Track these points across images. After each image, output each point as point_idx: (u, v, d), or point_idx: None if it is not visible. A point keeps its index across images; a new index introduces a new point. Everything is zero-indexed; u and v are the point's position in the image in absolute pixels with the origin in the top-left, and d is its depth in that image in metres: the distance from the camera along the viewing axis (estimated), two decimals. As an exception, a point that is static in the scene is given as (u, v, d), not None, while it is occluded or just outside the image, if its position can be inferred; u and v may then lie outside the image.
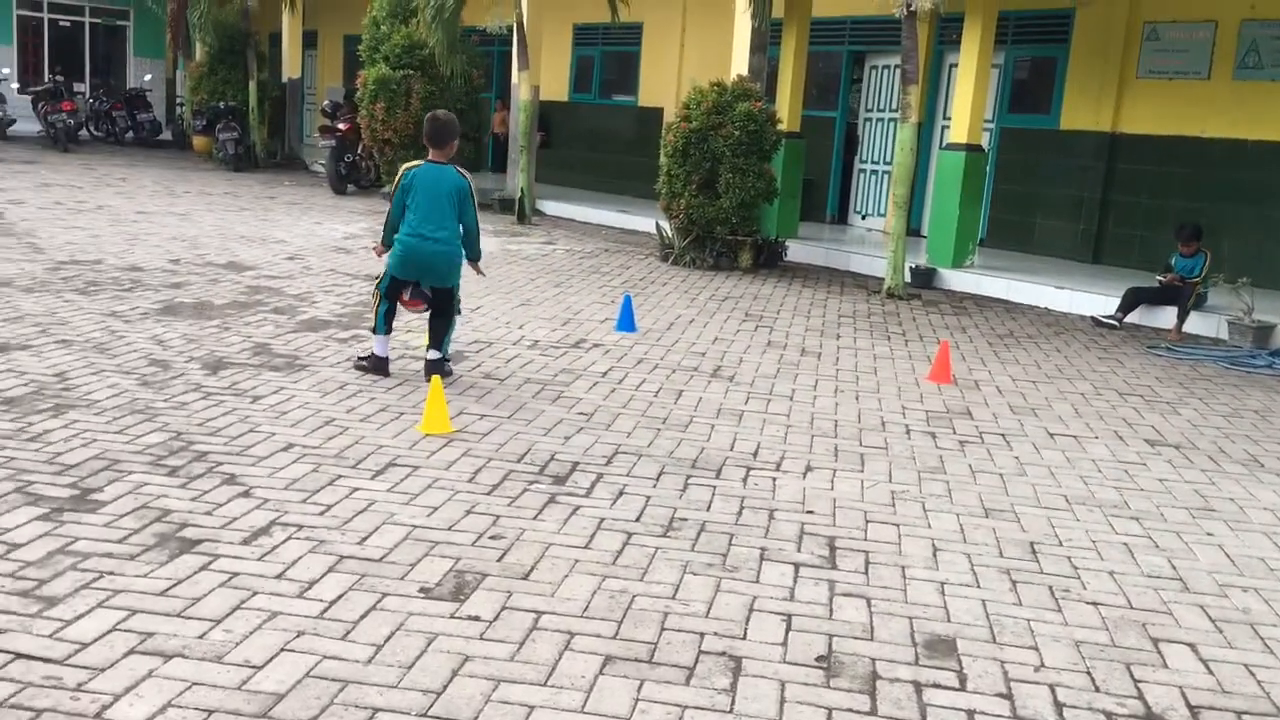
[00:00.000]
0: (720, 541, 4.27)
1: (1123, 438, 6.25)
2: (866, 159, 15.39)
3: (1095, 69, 12.57)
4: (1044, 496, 5.13)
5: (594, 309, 9.04)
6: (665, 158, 12.04)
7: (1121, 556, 4.44)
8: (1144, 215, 12.22)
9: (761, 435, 5.80)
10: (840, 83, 15.46)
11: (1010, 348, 8.65)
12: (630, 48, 18.34)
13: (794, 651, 3.41)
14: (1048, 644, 3.60)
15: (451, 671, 3.13)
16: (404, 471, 4.81)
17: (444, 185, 6.21)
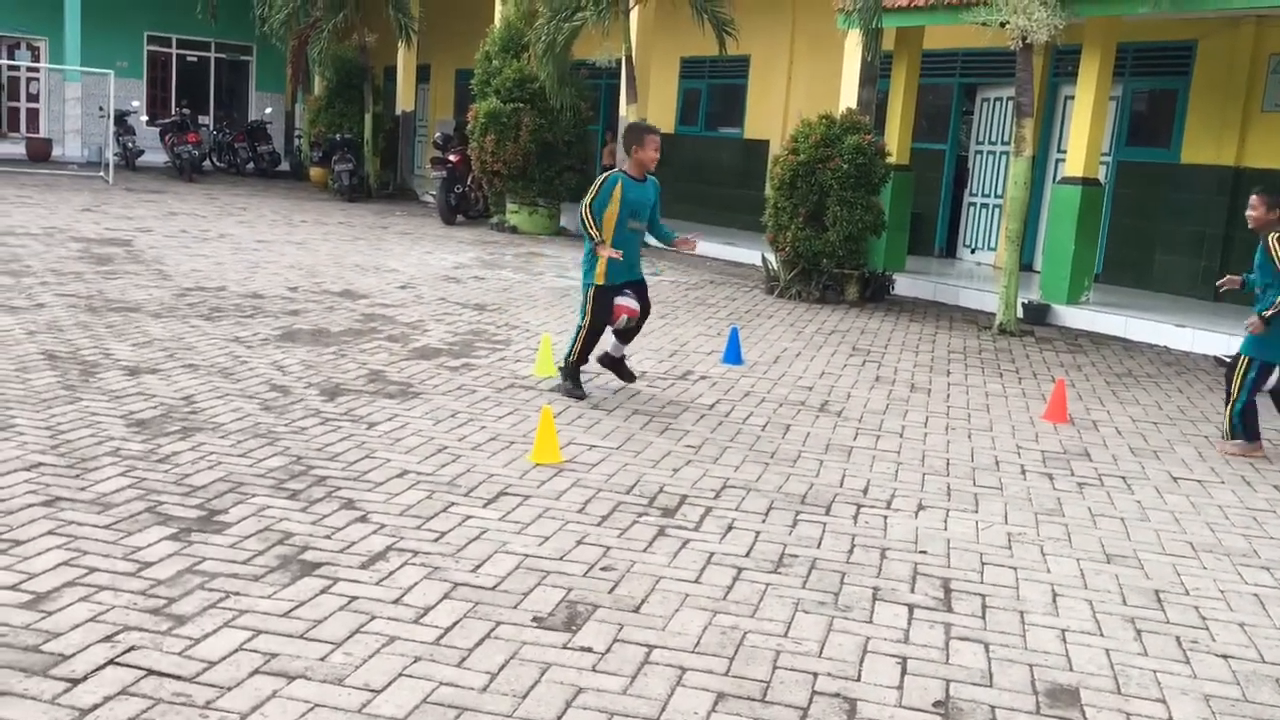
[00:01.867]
0: (832, 580, 4.22)
1: (1250, 483, 6.01)
2: (976, 192, 15.15)
3: (1217, 102, 12.19)
4: (1168, 543, 4.95)
5: (700, 340, 9.05)
6: (772, 190, 12.03)
7: (1252, 608, 4.26)
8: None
9: (871, 472, 5.72)
10: (950, 115, 15.27)
11: (1129, 387, 8.40)
12: (737, 80, 18.41)
13: (910, 696, 3.35)
14: (1176, 697, 3.47)
15: (565, 703, 3.15)
16: (515, 500, 4.87)
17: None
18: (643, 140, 6.53)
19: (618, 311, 6.65)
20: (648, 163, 6.52)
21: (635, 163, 6.56)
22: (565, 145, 16.85)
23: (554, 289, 11.43)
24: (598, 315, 6.63)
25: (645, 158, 6.52)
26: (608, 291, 6.62)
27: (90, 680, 3.08)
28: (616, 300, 6.64)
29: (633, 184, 6.53)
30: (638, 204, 6.56)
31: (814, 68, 16.53)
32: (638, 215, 6.58)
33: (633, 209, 6.53)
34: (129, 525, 4.25)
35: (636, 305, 6.70)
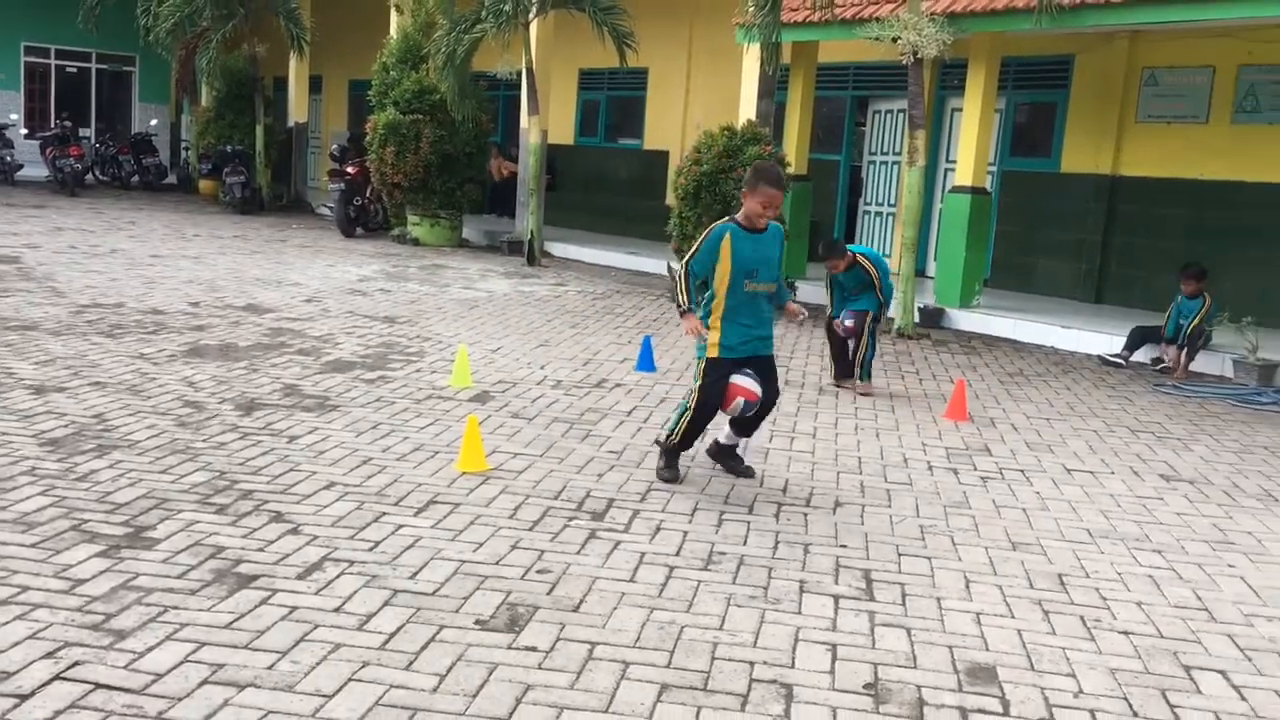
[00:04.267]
0: (760, 575, 4.39)
1: (1138, 473, 6.38)
2: (870, 201, 15.62)
3: (1095, 113, 12.83)
4: (1067, 530, 5.25)
5: (612, 349, 9.18)
6: (677, 200, 12.25)
7: (1147, 588, 4.56)
8: (1144, 256, 12.43)
9: (789, 472, 5.92)
10: (845, 126, 15.73)
11: (1021, 386, 8.80)
12: (636, 92, 18.64)
13: (842, 679, 3.53)
14: (1084, 671, 3.72)
15: (515, 699, 3.24)
16: (446, 508, 4.93)
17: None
18: (757, 188, 5.28)
19: (732, 393, 5.35)
20: (755, 218, 5.32)
21: (745, 212, 5.36)
22: (466, 157, 16.86)
23: (462, 301, 11.44)
24: (707, 394, 5.36)
25: (752, 211, 5.31)
26: (723, 366, 5.36)
27: (38, 695, 3.06)
28: (733, 379, 5.36)
29: (746, 236, 5.31)
30: (756, 260, 5.31)
31: (712, 80, 16.84)
32: (758, 274, 5.32)
33: (748, 267, 5.29)
34: (56, 544, 4.19)
35: (757, 389, 5.39)
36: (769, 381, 5.48)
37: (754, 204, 5.27)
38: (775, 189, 5.27)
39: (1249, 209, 11.53)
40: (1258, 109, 11.62)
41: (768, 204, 5.25)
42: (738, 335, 5.36)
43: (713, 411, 5.43)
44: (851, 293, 8.12)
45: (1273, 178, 11.35)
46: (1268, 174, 11.40)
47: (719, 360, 5.37)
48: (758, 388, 5.38)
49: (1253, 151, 11.54)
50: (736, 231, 5.31)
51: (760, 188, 5.26)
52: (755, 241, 5.33)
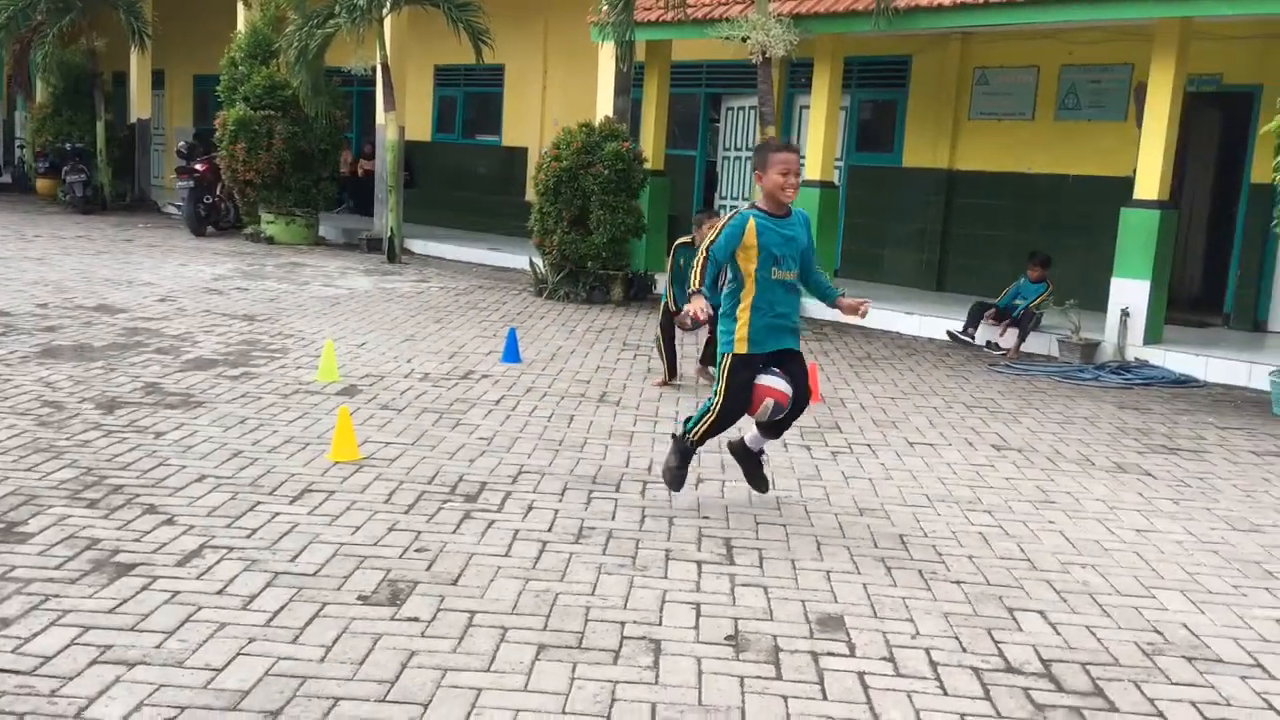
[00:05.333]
0: (628, 546, 4.66)
1: (972, 444, 6.89)
2: (726, 196, 16.10)
3: (932, 111, 13.56)
4: (909, 496, 5.68)
5: (477, 342, 9.33)
6: (537, 196, 12.44)
7: (978, 544, 5.00)
8: (980, 245, 13.20)
9: (653, 452, 6.21)
10: (699, 123, 16.18)
11: (869, 368, 9.32)
12: (493, 89, 18.72)
13: (705, 633, 3.82)
14: (921, 616, 4.10)
15: (401, 664, 3.43)
16: (321, 496, 5.04)
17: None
18: (767, 161, 4.92)
19: (760, 394, 4.95)
20: (778, 192, 4.90)
21: (765, 192, 4.98)
22: (321, 154, 16.67)
23: (323, 298, 11.40)
24: (733, 395, 4.96)
25: (771, 185, 4.90)
26: (751, 364, 4.96)
27: (-76, 683, 3.10)
28: (760, 380, 4.96)
29: (770, 221, 4.93)
30: (783, 247, 4.94)
31: (568, 77, 17.07)
32: (786, 262, 4.97)
33: (776, 255, 4.92)
34: (-78, 542, 4.16)
35: (787, 388, 4.99)
36: (798, 380, 5.04)
37: (774, 177, 4.87)
38: (789, 152, 4.96)
39: (1071, 200, 12.39)
40: (1078, 106, 12.49)
41: (788, 169, 4.87)
42: (765, 327, 4.95)
43: (738, 414, 5.04)
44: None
45: (1092, 170, 12.21)
46: (1087, 167, 12.27)
47: (747, 356, 4.94)
48: (787, 387, 4.98)
49: (1074, 146, 12.40)
50: (760, 217, 4.91)
51: (772, 157, 4.90)
52: (781, 226, 4.95)
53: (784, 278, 4.99)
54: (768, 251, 4.90)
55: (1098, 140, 12.16)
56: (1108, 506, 5.71)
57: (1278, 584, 4.68)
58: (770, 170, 4.90)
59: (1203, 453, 6.97)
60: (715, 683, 3.45)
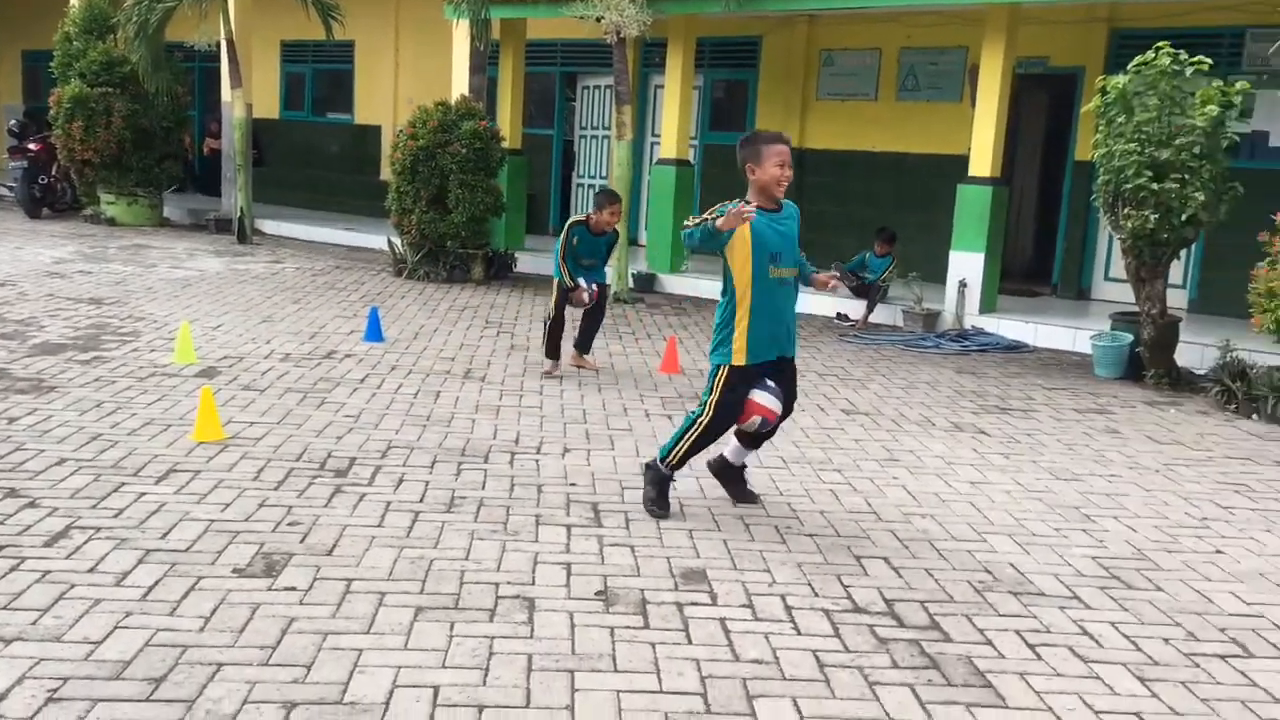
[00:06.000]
0: (499, 513, 4.82)
1: (824, 409, 7.27)
2: (584, 174, 16.27)
3: (782, 91, 13.99)
4: (765, 459, 5.97)
5: (338, 322, 9.29)
6: (394, 175, 12.36)
7: (829, 500, 5.33)
8: (830, 222, 13.70)
9: (519, 425, 6.37)
10: (555, 101, 16.27)
11: (725, 340, 9.64)
12: (343, 65, 18.38)
13: (576, 590, 4.02)
14: (777, 567, 4.39)
15: (281, 630, 3.52)
16: (187, 475, 5.04)
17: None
18: (760, 154, 4.66)
19: (750, 410, 4.78)
20: (774, 185, 4.67)
21: (758, 187, 4.71)
22: (164, 132, 16.12)
23: (173, 280, 11.12)
24: (724, 410, 4.74)
25: (768, 178, 4.65)
26: (748, 377, 4.74)
27: None
28: (753, 395, 4.77)
29: (763, 215, 4.63)
30: (779, 242, 4.69)
31: (422, 55, 16.91)
32: (783, 258, 4.70)
33: (772, 250, 4.66)
34: None
35: (777, 407, 4.83)
36: (789, 390, 4.91)
37: (770, 170, 4.63)
38: (780, 143, 4.70)
39: (912, 177, 12.98)
40: (918, 88, 13.08)
41: (783, 161, 4.64)
42: (765, 332, 4.70)
43: (725, 428, 4.85)
44: (589, 263, 7.94)
45: (930, 149, 12.82)
46: (926, 146, 12.87)
47: (744, 369, 4.71)
48: (778, 405, 4.81)
49: (914, 126, 13.00)
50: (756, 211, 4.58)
51: (766, 149, 4.65)
52: (775, 221, 4.69)
53: (783, 275, 4.69)
54: (762, 247, 4.60)
55: (936, 120, 12.78)
56: (946, 462, 6.13)
57: (1094, 526, 5.14)
58: (766, 162, 4.63)
59: (1031, 412, 7.50)
60: (587, 634, 3.65)
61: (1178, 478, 6.03)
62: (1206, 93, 8.20)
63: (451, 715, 3.08)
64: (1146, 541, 4.96)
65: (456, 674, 3.31)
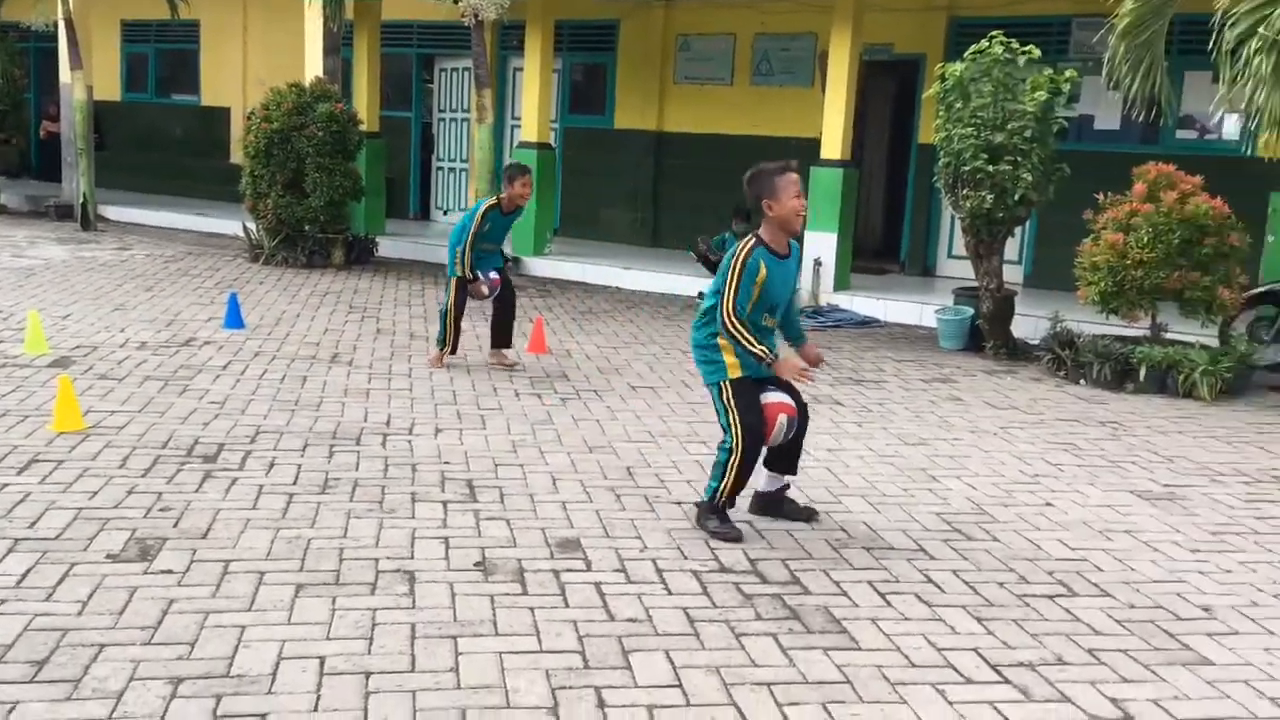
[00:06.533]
0: (374, 492, 4.89)
1: (689, 385, 7.51)
2: (443, 157, 16.19)
3: (640, 75, 14.21)
4: (633, 434, 6.19)
5: (195, 310, 9.11)
6: (247, 159, 12.11)
7: (695, 471, 5.56)
8: (689, 203, 14.01)
9: (390, 408, 6.42)
10: (413, 84, 16.13)
11: (592, 321, 9.83)
12: (188, 45, 17.81)
13: (455, 562, 4.15)
14: (647, 533, 4.60)
15: (161, 612, 3.55)
16: (50, 466, 4.95)
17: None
18: (775, 188, 4.39)
19: (772, 414, 4.52)
20: (793, 220, 4.42)
21: (776, 223, 4.42)
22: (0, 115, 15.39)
23: (15, 269, 10.69)
24: (748, 418, 4.46)
25: (788, 213, 4.40)
26: (749, 385, 4.54)
27: None
28: (764, 397, 4.55)
29: (775, 262, 4.42)
30: (780, 294, 4.51)
31: (272, 35, 16.52)
32: (776, 311, 4.56)
33: (771, 302, 4.48)
34: None
35: (791, 400, 4.60)
36: (795, 393, 4.66)
37: (789, 203, 4.38)
38: (791, 172, 4.47)
39: (768, 160, 13.35)
40: (771, 73, 13.48)
41: (799, 191, 4.43)
42: (751, 363, 4.50)
43: (760, 444, 4.54)
44: (489, 249, 7.59)
45: (784, 132, 13.22)
46: (781, 129, 13.26)
47: (743, 380, 4.52)
48: (791, 400, 4.61)
49: (768, 110, 13.39)
50: (767, 258, 4.38)
51: (780, 181, 4.40)
52: (783, 266, 4.47)
53: (769, 325, 4.55)
54: (767, 300, 4.43)
55: (789, 104, 13.19)
56: (804, 432, 6.44)
57: (939, 485, 5.52)
58: (782, 195, 4.36)
59: (882, 383, 7.92)
60: (468, 602, 3.79)
61: (1013, 439, 6.49)
62: (1036, 80, 8.74)
63: (339, 682, 3.18)
64: (985, 497, 5.35)
65: (341, 644, 3.41)
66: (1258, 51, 6.75)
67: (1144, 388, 7.85)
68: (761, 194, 4.43)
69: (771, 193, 4.39)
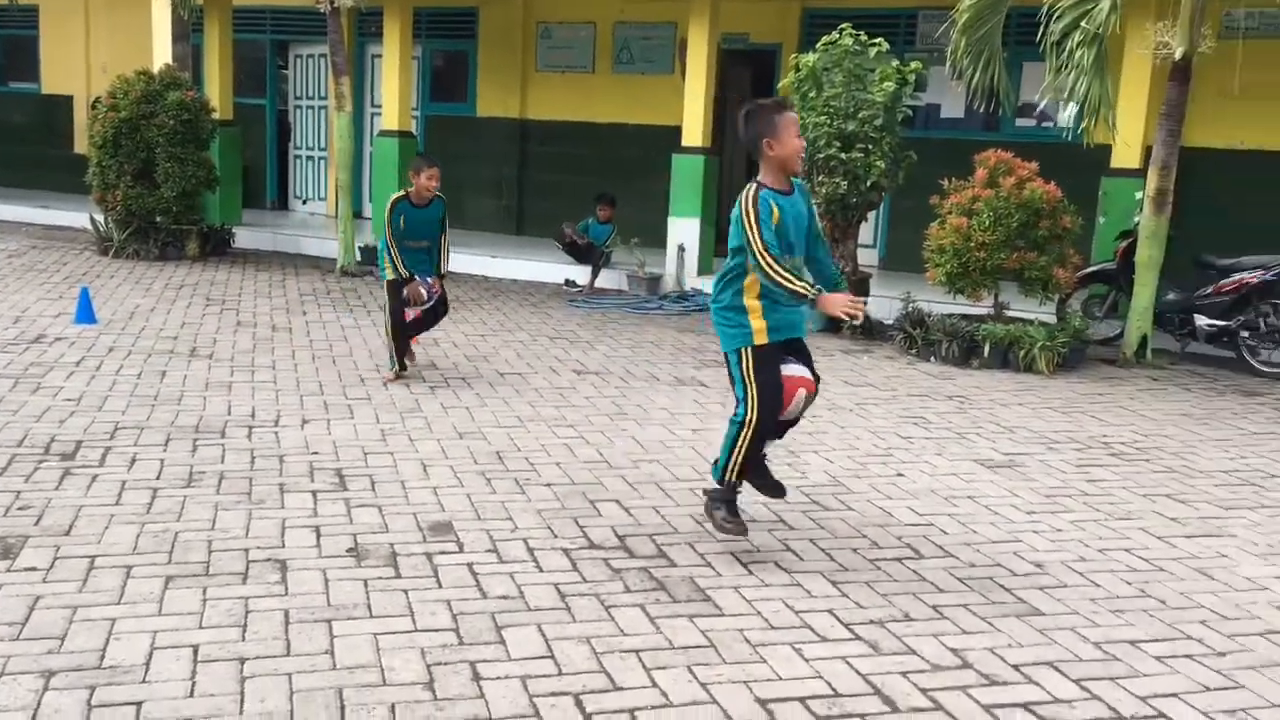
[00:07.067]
0: (242, 484, 4.87)
1: (557, 370, 7.64)
2: (301, 145, 15.88)
3: (502, 62, 14.21)
4: (502, 419, 6.28)
5: (42, 305, 8.79)
6: (94, 149, 11.69)
7: (564, 453, 5.69)
8: (554, 190, 14.10)
9: (254, 400, 6.35)
10: (267, 71, 15.77)
11: (459, 309, 9.80)
12: (26, 31, 17.02)
13: (327, 549, 4.18)
14: (519, 514, 4.71)
15: (28, 608, 3.50)
16: (-106, 469, 4.78)
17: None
18: (775, 126, 4.13)
19: (791, 387, 4.29)
20: (793, 161, 4.19)
21: (776, 164, 4.18)
22: None
23: None
24: (766, 395, 4.22)
25: (789, 152, 4.15)
26: (773, 355, 4.28)
27: None
28: (785, 370, 4.31)
29: (783, 200, 4.18)
30: (796, 231, 4.25)
31: (117, 21, 15.93)
32: (796, 248, 4.28)
33: (790, 241, 4.22)
34: None
35: (811, 374, 4.41)
36: (808, 362, 4.45)
37: (790, 142, 4.14)
38: (790, 109, 4.26)
39: (631, 146, 13.55)
40: (632, 61, 13.65)
41: (799, 132, 4.23)
42: (781, 318, 4.29)
43: (776, 413, 4.30)
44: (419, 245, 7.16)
45: (647, 120, 13.41)
46: (643, 117, 13.46)
47: (767, 347, 4.25)
48: (808, 372, 4.40)
49: (631, 98, 13.56)
50: (775, 197, 4.16)
51: (779, 119, 4.14)
52: (792, 205, 4.22)
53: (793, 264, 4.25)
54: (785, 238, 4.17)
55: (650, 92, 13.38)
56: (670, 413, 6.64)
57: (798, 460, 5.77)
58: (784, 134, 4.12)
59: (744, 363, 8.16)
60: (341, 587, 3.84)
61: (868, 415, 6.82)
62: (885, 71, 9.13)
63: (213, 669, 3.21)
64: (841, 470, 5.64)
65: (214, 633, 3.43)
66: (1080, 44, 7.22)
67: (988, 363, 8.31)
68: (762, 133, 4.15)
69: (773, 131, 4.13)
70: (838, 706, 3.24)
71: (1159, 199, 8.48)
